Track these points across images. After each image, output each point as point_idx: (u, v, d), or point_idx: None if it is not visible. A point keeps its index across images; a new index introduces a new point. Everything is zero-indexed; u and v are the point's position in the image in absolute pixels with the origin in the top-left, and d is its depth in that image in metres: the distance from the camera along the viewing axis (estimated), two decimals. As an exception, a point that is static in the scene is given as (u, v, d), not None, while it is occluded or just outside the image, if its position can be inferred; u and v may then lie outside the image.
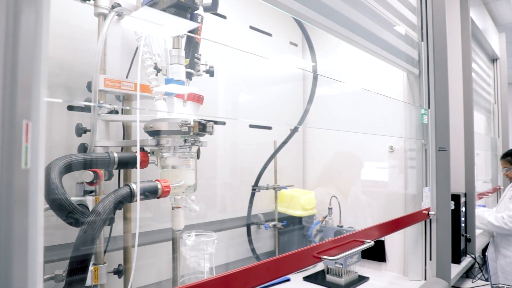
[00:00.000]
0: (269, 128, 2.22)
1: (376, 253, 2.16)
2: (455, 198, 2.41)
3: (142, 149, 1.19)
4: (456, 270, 2.24)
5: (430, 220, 1.95)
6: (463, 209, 2.51)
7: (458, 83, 2.67)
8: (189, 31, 1.30)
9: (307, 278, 1.99)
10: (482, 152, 3.76)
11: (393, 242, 2.12)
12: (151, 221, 1.59)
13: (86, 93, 1.24)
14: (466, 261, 2.47)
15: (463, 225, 2.50)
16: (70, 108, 1.30)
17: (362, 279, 1.99)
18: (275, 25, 2.30)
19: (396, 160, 2.12)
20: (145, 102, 1.30)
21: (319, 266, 2.13)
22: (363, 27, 1.54)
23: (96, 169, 1.09)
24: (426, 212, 1.91)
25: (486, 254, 2.52)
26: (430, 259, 1.96)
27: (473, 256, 2.57)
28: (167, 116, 1.14)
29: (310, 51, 2.17)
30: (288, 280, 1.95)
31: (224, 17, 1.96)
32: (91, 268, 1.19)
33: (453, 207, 2.37)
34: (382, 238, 2.13)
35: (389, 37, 1.72)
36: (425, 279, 1.96)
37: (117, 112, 1.29)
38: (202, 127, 1.11)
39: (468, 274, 2.58)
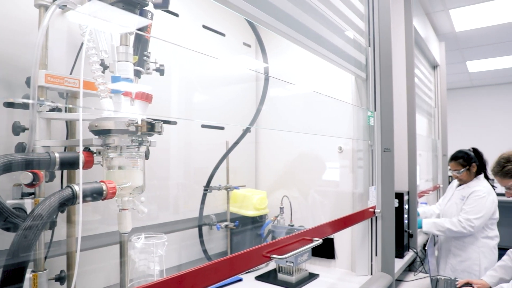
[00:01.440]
0: (222, 128, 2.22)
1: (326, 251, 2.22)
2: (399, 196, 2.54)
3: (87, 149, 1.14)
4: (399, 264, 2.36)
5: (376, 217, 2.05)
6: (406, 206, 2.65)
7: (402, 87, 2.82)
8: (138, 28, 1.26)
9: (259, 278, 2.01)
10: (424, 152, 4.00)
11: (342, 239, 2.20)
12: (99, 223, 1.53)
13: (27, 89, 1.17)
14: (409, 255, 2.62)
15: (406, 221, 2.65)
16: (9, 105, 1.21)
17: (312, 276, 2.04)
18: (228, 25, 2.30)
19: (345, 160, 2.20)
20: (90, 100, 1.25)
21: (271, 265, 2.16)
22: (314, 31, 1.58)
23: (36, 170, 1.03)
24: (372, 210, 2.00)
25: (426, 248, 2.68)
26: (376, 255, 2.05)
27: (415, 250, 2.73)
28: (113, 115, 1.10)
29: (262, 52, 2.19)
30: (240, 280, 1.96)
31: (176, 15, 1.92)
32: (29, 275, 1.12)
33: (397, 205, 2.50)
34: (332, 236, 2.20)
35: (339, 42, 1.79)
36: (371, 274, 2.06)
37: (60, 110, 1.22)
38: (151, 127, 1.08)
39: (410, 267, 2.73)
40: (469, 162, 2.90)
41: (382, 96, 2.06)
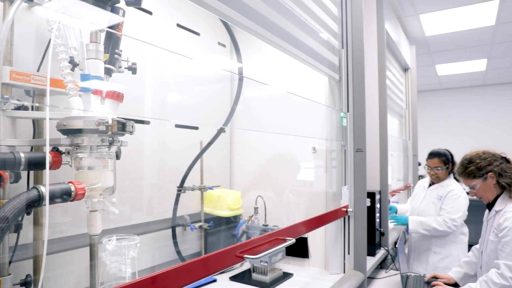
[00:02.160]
0: (196, 128, 2.20)
1: (300, 250, 2.24)
2: (371, 195, 2.60)
3: (56, 149, 1.10)
4: (371, 262, 2.41)
5: (349, 216, 2.08)
6: (378, 205, 2.72)
7: (374, 89, 2.88)
8: (110, 25, 1.23)
9: (233, 278, 2.00)
10: (395, 153, 4.11)
11: (315, 239, 2.23)
12: (70, 225, 1.48)
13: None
14: (380, 253, 2.68)
15: (378, 220, 2.71)
16: (-30, 102, 1.16)
17: (286, 275, 2.05)
18: (203, 25, 2.29)
19: (319, 160, 2.23)
20: (59, 98, 1.21)
21: (246, 265, 2.16)
22: (288, 33, 1.59)
23: (0, 170, 0.99)
24: (345, 209, 2.03)
25: (396, 246, 2.75)
26: (349, 253, 2.09)
27: (386, 248, 2.80)
28: (82, 114, 1.07)
29: (236, 53, 2.19)
30: (215, 280, 1.95)
31: (149, 13, 1.89)
32: (-8, 280, 1.07)
33: (369, 204, 2.55)
34: (305, 235, 2.22)
35: (312, 43, 1.81)
36: (344, 272, 2.09)
37: (26, 108, 1.18)
38: (122, 126, 1.06)
39: (382, 265, 2.79)
40: (450, 161, 3.05)
41: (355, 98, 2.10)
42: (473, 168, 2.13)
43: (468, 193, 2.60)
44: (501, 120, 7.20)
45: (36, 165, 1.03)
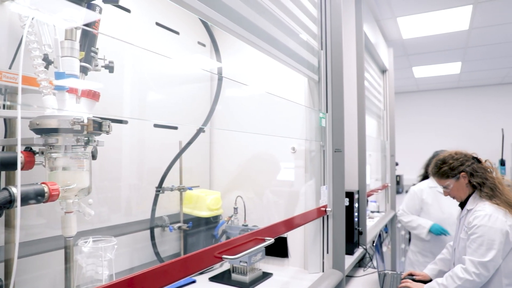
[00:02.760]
0: (175, 128, 2.18)
1: (279, 250, 2.26)
2: (349, 195, 2.63)
3: (29, 149, 1.07)
4: (349, 260, 2.44)
5: (327, 216, 2.11)
6: (356, 205, 2.76)
7: (353, 90, 2.92)
8: (86, 23, 1.21)
9: (213, 279, 2.00)
10: (373, 153, 4.18)
11: (294, 238, 2.24)
12: (45, 227, 1.44)
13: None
14: (359, 252, 2.72)
15: (356, 219, 2.75)
16: None
17: (266, 275, 2.06)
18: (183, 24, 2.27)
19: (298, 160, 2.25)
20: (32, 96, 1.18)
21: (226, 266, 2.15)
22: (268, 33, 1.60)
23: (-32, 171, 0.95)
24: (324, 209, 2.05)
25: (374, 245, 2.80)
26: (327, 252, 2.11)
27: (364, 247, 2.84)
28: (57, 113, 1.05)
29: (216, 52, 2.18)
30: (194, 281, 1.94)
31: (128, 10, 1.87)
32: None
33: (347, 204, 2.59)
34: (285, 235, 2.23)
35: (292, 44, 1.82)
36: (323, 271, 2.11)
37: (-2, 107, 1.14)
38: (98, 126, 1.04)
39: (360, 263, 2.84)
40: None
41: (334, 98, 2.12)
42: (446, 169, 2.20)
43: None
44: (474, 121, 7.43)
45: (7, 165, 1.00)
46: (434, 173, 2.28)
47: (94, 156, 1.22)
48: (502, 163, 6.41)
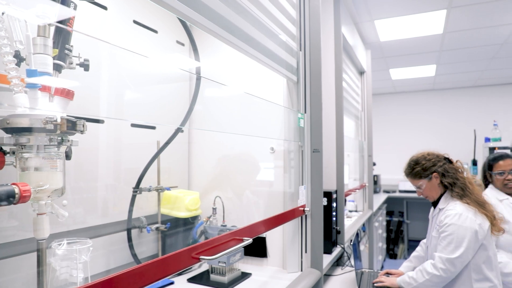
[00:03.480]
0: (153, 128, 2.15)
1: (258, 250, 2.26)
2: (327, 195, 2.66)
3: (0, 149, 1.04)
4: (328, 259, 2.47)
5: (306, 216, 2.13)
6: (334, 204, 2.79)
7: (331, 91, 2.96)
8: (60, 19, 1.18)
9: (191, 280, 1.98)
10: (352, 153, 4.25)
11: (273, 238, 2.25)
12: (17, 230, 1.40)
13: None
14: (337, 251, 2.75)
15: (334, 219, 2.78)
16: None
17: (245, 275, 2.06)
18: (161, 22, 2.24)
19: (278, 161, 2.26)
20: (3, 94, 1.14)
21: (204, 266, 2.14)
22: (247, 34, 1.60)
23: None
24: (302, 208, 2.07)
25: (352, 243, 2.85)
26: (306, 252, 2.13)
27: (342, 246, 2.88)
28: (29, 112, 1.02)
29: (194, 52, 2.17)
30: (172, 283, 1.92)
31: (104, 7, 1.83)
32: None
33: (325, 203, 2.62)
34: (264, 235, 2.24)
35: (271, 45, 1.83)
36: (302, 270, 2.13)
37: (-35, 105, 1.10)
38: (71, 125, 1.02)
39: (338, 262, 2.87)
40: None
41: (312, 99, 2.15)
42: (419, 169, 2.27)
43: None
44: (449, 122, 7.65)
45: (-24, 165, 0.96)
46: (407, 174, 2.35)
47: (68, 156, 1.19)
48: (475, 163, 6.63)
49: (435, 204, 2.30)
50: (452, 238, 2.00)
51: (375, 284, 2.27)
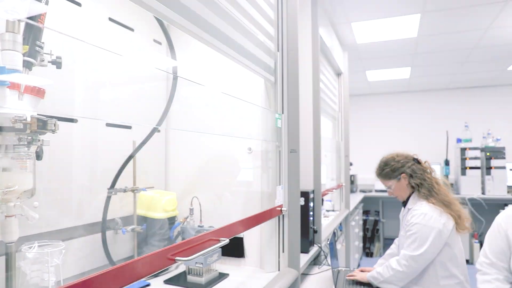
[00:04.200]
0: (129, 127, 2.12)
1: (236, 250, 2.26)
2: (304, 194, 2.69)
3: (-35, 148, 0.99)
4: (305, 259, 2.50)
5: (283, 215, 2.14)
6: (312, 204, 2.82)
7: (309, 92, 2.99)
8: (30, 15, 1.14)
9: (168, 281, 1.96)
10: (329, 153, 4.30)
11: (251, 238, 2.25)
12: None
13: None
14: (314, 250, 2.78)
15: (311, 218, 2.81)
16: None
17: (222, 276, 2.05)
18: (138, 21, 2.21)
19: (255, 161, 2.27)
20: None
21: (181, 268, 2.12)
22: (225, 33, 1.59)
23: None
24: (280, 208, 2.08)
25: (329, 243, 2.88)
26: (283, 251, 2.14)
27: (319, 245, 2.92)
28: (-4, 110, 0.98)
29: (171, 51, 2.15)
30: (148, 285, 1.89)
31: (78, 4, 1.79)
32: None
33: (303, 203, 2.65)
34: (241, 235, 2.24)
35: (249, 45, 1.83)
36: (279, 270, 2.14)
37: None
38: (42, 124, 0.99)
39: (315, 261, 2.91)
40: None
41: (289, 100, 2.16)
42: (388, 170, 2.35)
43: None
44: (422, 123, 7.87)
45: None
46: (378, 174, 2.43)
47: (39, 156, 1.15)
48: (447, 163, 6.85)
49: (404, 204, 2.37)
50: (417, 236, 2.10)
51: (346, 278, 2.36)
